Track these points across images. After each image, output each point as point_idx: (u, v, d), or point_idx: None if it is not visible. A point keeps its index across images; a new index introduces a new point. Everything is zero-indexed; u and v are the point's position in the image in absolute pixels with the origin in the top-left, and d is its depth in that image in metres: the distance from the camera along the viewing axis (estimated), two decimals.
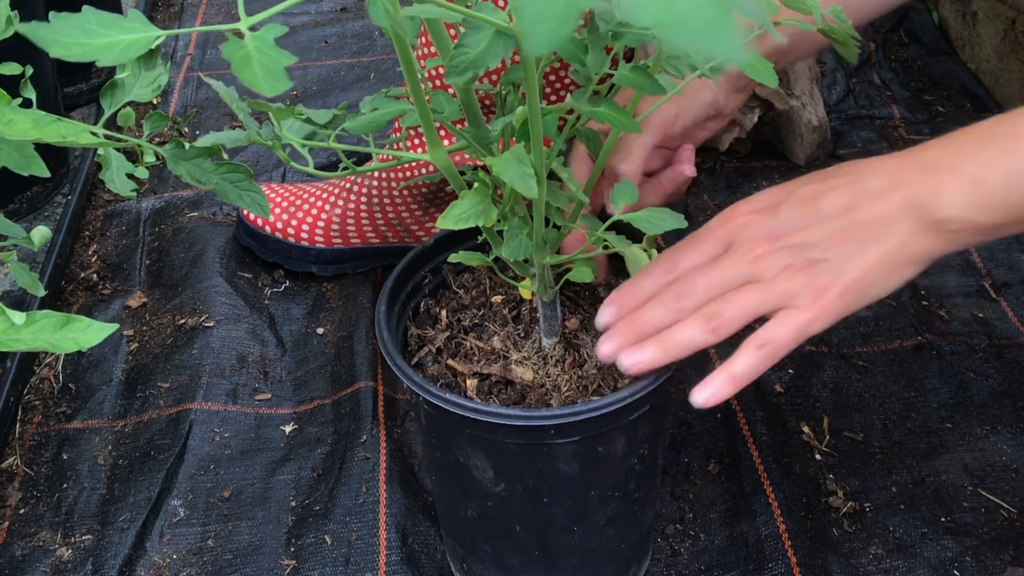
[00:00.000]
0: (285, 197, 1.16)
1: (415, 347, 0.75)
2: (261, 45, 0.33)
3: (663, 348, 0.64)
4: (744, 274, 0.64)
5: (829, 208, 0.63)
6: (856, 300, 0.63)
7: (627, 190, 0.64)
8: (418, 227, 1.12)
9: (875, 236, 0.62)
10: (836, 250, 0.62)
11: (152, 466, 0.96)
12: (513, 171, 0.52)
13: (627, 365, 0.64)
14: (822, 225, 0.63)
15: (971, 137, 0.63)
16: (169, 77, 1.32)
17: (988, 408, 0.99)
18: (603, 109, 0.58)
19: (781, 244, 0.63)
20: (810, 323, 0.62)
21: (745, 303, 0.63)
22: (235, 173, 0.67)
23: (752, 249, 0.64)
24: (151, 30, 0.34)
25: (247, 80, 0.33)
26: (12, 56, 0.74)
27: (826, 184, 0.65)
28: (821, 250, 0.63)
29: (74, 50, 0.32)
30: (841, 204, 0.63)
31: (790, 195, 0.65)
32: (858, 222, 0.62)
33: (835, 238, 0.63)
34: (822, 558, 0.86)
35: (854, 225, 0.62)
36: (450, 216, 0.57)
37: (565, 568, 0.77)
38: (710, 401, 0.63)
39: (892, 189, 0.62)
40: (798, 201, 0.65)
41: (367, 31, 1.66)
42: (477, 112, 0.59)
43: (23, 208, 1.32)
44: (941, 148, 0.63)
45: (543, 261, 0.67)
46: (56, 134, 0.52)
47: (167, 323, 1.12)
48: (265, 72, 0.32)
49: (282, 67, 0.33)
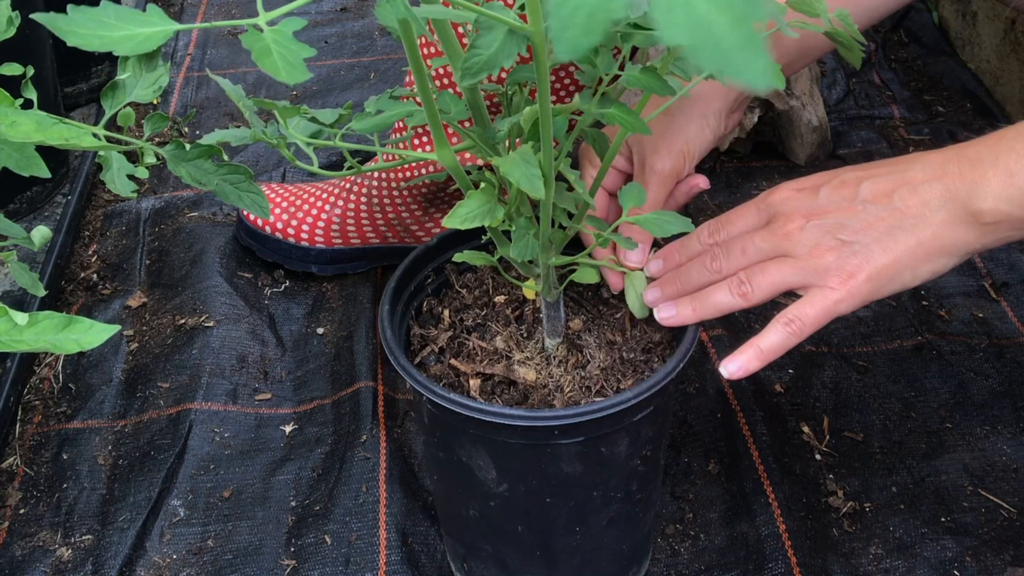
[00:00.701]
0: (285, 197, 1.16)
1: (418, 347, 0.75)
2: (280, 38, 0.34)
3: (695, 308, 0.68)
4: (777, 246, 0.66)
5: (868, 193, 0.65)
6: (885, 285, 0.64)
7: (634, 192, 0.64)
8: (418, 227, 1.12)
9: (910, 224, 0.63)
10: (867, 233, 0.64)
11: (152, 466, 0.96)
12: (520, 171, 0.52)
13: (662, 317, 0.69)
14: (858, 208, 0.64)
15: (1015, 133, 0.63)
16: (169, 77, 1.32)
17: (988, 408, 0.99)
18: (612, 110, 0.58)
19: (816, 222, 0.65)
20: (838, 303, 0.64)
21: (776, 275, 0.66)
22: (235, 174, 0.67)
23: (788, 223, 0.66)
24: (169, 24, 0.34)
25: (268, 69, 0.34)
26: (12, 57, 0.74)
27: (870, 171, 0.66)
28: (853, 232, 0.64)
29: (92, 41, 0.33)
30: (880, 190, 0.64)
31: (834, 178, 0.67)
32: (894, 209, 0.63)
33: (869, 222, 0.64)
34: (822, 558, 0.86)
35: (889, 211, 0.63)
36: (456, 216, 0.57)
37: (566, 568, 0.77)
38: (736, 373, 0.66)
39: (934, 180, 0.63)
40: (839, 184, 0.66)
41: (367, 31, 1.66)
42: (483, 112, 0.59)
43: (23, 208, 1.32)
44: (984, 143, 0.64)
45: (548, 262, 0.67)
46: (59, 136, 0.52)
47: (167, 323, 1.12)
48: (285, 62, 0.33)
49: (301, 58, 0.34)
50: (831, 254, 0.64)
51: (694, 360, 1.04)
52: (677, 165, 0.74)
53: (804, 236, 0.65)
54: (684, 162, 0.75)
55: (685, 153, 0.74)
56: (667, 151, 0.74)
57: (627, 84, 0.58)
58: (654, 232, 0.63)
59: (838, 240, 0.64)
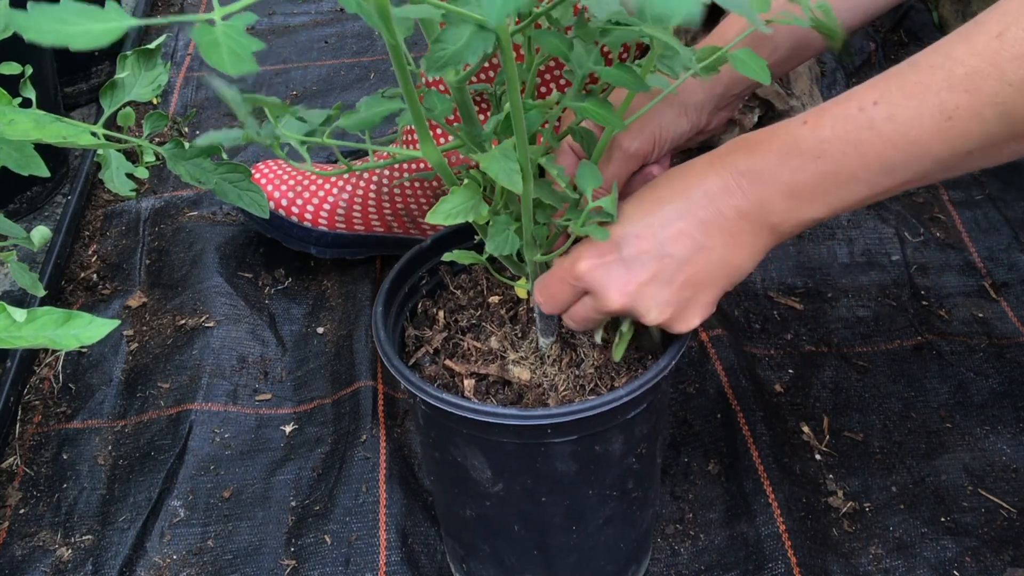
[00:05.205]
0: (292, 175, 1.14)
1: (412, 348, 0.75)
2: (230, 31, 0.36)
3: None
4: (609, 314, 0.68)
5: (670, 243, 0.65)
6: (729, 287, 0.67)
7: (590, 174, 0.63)
8: (424, 220, 1.11)
9: (722, 255, 0.64)
10: (689, 287, 0.65)
11: (152, 466, 0.96)
12: (498, 166, 0.52)
13: None
14: (667, 262, 0.65)
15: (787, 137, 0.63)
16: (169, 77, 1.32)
17: (988, 408, 0.99)
18: (587, 104, 0.57)
19: (634, 294, 0.65)
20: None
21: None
22: (234, 173, 0.67)
23: (608, 302, 0.66)
24: (124, 20, 0.36)
25: (213, 62, 0.36)
26: (12, 56, 0.74)
27: (658, 212, 0.66)
28: (676, 291, 0.65)
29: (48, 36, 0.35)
30: (679, 233, 0.65)
31: (629, 232, 0.67)
32: (701, 248, 0.64)
33: (688, 274, 0.65)
34: (822, 558, 0.86)
35: (698, 253, 0.64)
36: (440, 211, 0.57)
37: (564, 567, 0.77)
38: None
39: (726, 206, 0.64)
40: (636, 239, 0.66)
41: (367, 31, 1.66)
42: (471, 110, 0.59)
43: (23, 208, 1.32)
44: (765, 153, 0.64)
45: (535, 258, 0.67)
46: (57, 135, 0.52)
47: (167, 323, 1.12)
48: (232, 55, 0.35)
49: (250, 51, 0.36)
50: (666, 311, 0.65)
51: (694, 360, 1.04)
52: (645, 148, 0.73)
53: (632, 308, 0.65)
54: (653, 146, 0.74)
55: (656, 138, 0.73)
56: (639, 132, 0.72)
57: (602, 79, 0.58)
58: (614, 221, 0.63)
59: (664, 304, 0.65)
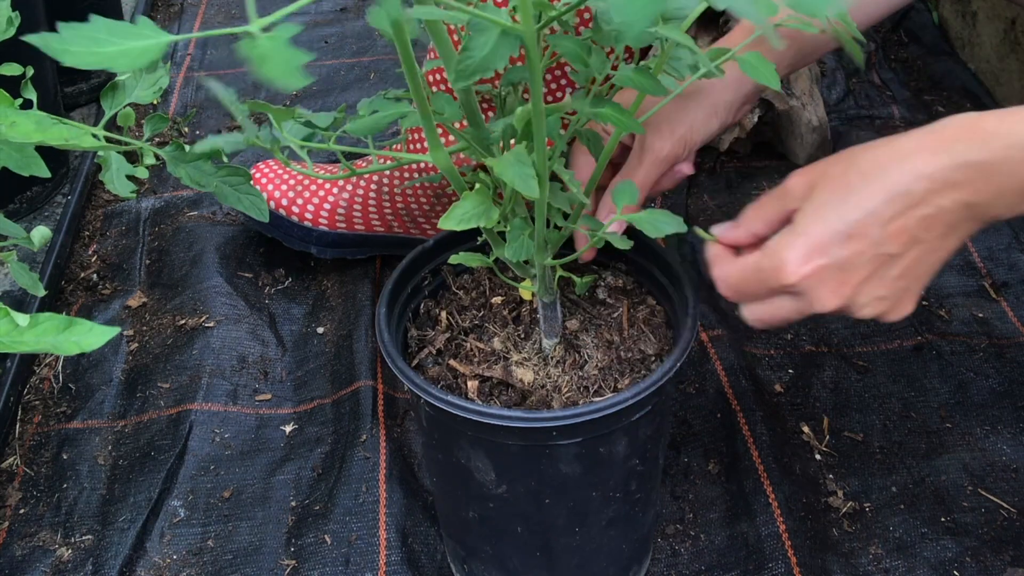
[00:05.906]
0: (293, 175, 1.14)
1: (415, 348, 0.75)
2: (276, 44, 0.34)
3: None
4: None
5: (888, 241, 0.62)
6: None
7: (627, 190, 0.64)
8: (424, 220, 1.11)
9: (933, 248, 0.62)
10: (901, 282, 0.63)
11: (152, 466, 0.96)
12: (514, 171, 0.52)
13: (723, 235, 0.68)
14: (886, 260, 0.62)
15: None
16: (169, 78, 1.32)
17: (988, 408, 0.99)
18: (606, 110, 0.57)
19: (851, 296, 0.63)
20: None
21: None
22: (235, 176, 0.67)
23: (825, 306, 0.63)
24: (162, 35, 0.34)
25: (265, 76, 0.34)
26: (12, 57, 0.74)
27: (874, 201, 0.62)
28: (889, 290, 0.63)
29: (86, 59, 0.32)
30: (900, 229, 0.62)
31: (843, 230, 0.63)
32: (919, 243, 0.61)
33: (900, 272, 0.62)
34: (822, 558, 0.86)
35: (916, 248, 0.62)
36: (452, 217, 0.57)
37: (566, 569, 0.77)
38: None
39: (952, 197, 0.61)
40: (850, 238, 0.63)
41: (367, 31, 1.66)
42: (477, 113, 0.59)
43: (23, 208, 1.32)
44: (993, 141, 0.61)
45: (544, 262, 0.67)
46: (59, 137, 0.52)
47: (167, 323, 1.12)
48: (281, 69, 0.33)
49: (298, 64, 0.33)
50: (881, 305, 0.63)
51: (694, 360, 1.04)
52: (676, 150, 0.73)
53: (846, 308, 0.63)
54: (683, 148, 0.74)
55: (687, 140, 0.74)
56: (669, 134, 0.73)
57: (619, 83, 0.58)
58: (649, 232, 0.62)
59: (880, 299, 0.63)
